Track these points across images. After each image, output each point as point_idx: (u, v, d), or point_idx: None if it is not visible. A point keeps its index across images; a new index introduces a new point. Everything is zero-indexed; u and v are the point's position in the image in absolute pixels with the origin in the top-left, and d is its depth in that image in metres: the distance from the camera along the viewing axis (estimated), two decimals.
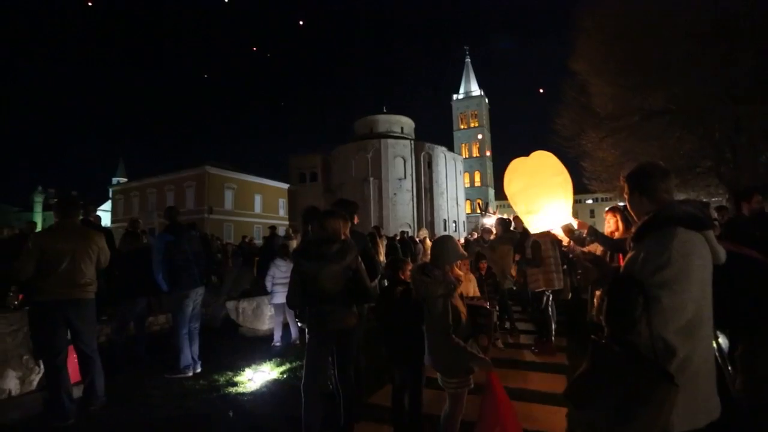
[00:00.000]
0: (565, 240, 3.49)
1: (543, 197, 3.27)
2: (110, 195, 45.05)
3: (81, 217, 4.38)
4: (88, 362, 3.33)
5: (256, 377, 4.10)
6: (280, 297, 5.28)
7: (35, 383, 3.75)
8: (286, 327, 5.65)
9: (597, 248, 3.25)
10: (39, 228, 6.45)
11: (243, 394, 3.75)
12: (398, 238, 11.38)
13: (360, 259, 2.68)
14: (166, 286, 4.25)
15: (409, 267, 2.80)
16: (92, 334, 3.41)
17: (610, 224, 3.31)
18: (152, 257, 4.28)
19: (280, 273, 5.45)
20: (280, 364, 4.54)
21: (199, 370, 4.35)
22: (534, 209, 3.38)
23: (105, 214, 46.78)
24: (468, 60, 65.72)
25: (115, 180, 61.12)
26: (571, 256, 4.65)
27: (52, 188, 58.57)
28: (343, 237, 2.62)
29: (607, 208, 3.61)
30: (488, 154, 61.09)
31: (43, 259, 3.09)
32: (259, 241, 19.42)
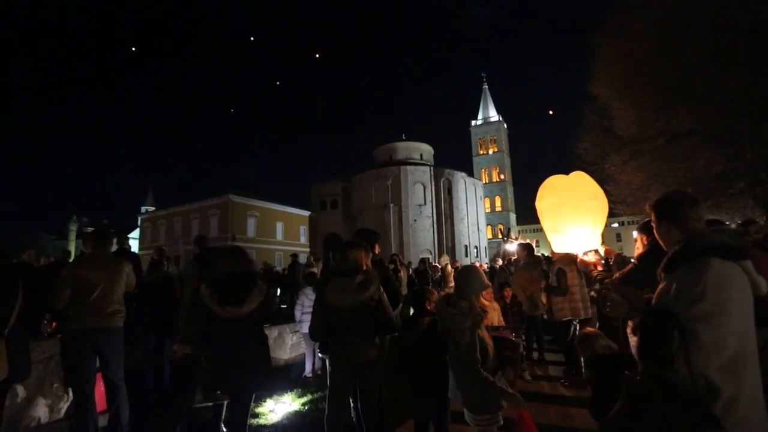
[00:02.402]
0: (596, 264, 3.37)
1: (570, 218, 3.21)
2: (139, 223, 46.66)
3: (117, 247, 4.49)
4: (115, 391, 3.37)
5: (278, 408, 4.04)
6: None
7: (63, 411, 3.81)
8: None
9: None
10: (73, 256, 6.73)
11: (264, 426, 3.70)
12: (419, 267, 11.16)
13: (382, 289, 2.67)
14: None
15: (435, 297, 2.76)
16: (119, 362, 3.46)
17: (640, 249, 3.18)
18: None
19: (309, 302, 5.37)
20: (301, 395, 4.48)
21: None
22: (559, 229, 3.31)
23: (134, 242, 48.39)
24: (485, 86, 66.55)
25: (143, 209, 63.38)
26: (596, 286, 4.49)
27: (85, 217, 61.36)
28: (365, 267, 2.62)
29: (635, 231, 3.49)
30: (508, 178, 60.66)
31: (76, 289, 3.20)
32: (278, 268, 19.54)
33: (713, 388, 1.22)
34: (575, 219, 3.17)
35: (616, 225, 58.73)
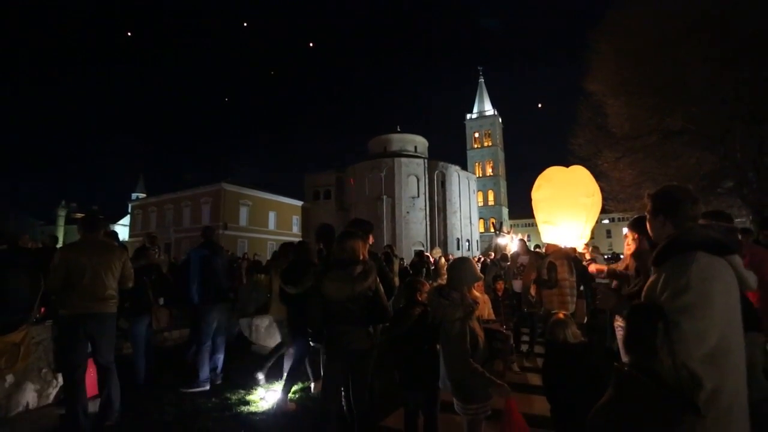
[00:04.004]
0: (588, 255, 3.42)
1: (564, 213, 3.24)
2: (129, 210, 46.11)
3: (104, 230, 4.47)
4: (106, 376, 3.36)
5: (269, 396, 4.06)
6: None
7: (52, 397, 3.79)
8: None
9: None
10: (61, 242, 6.58)
11: (255, 413, 3.72)
12: (414, 260, 11.09)
13: (378, 279, 2.68)
14: (197, 299, 4.39)
15: (426, 288, 2.78)
16: (111, 348, 3.45)
17: (630, 245, 3.22)
18: (189, 270, 4.46)
19: None
20: None
21: (219, 381, 4.51)
22: (552, 221, 3.35)
23: (124, 229, 47.84)
24: (481, 80, 66.36)
25: (134, 195, 62.52)
26: (592, 279, 4.55)
27: (74, 203, 60.29)
28: (362, 258, 2.63)
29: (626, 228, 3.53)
30: (502, 173, 60.87)
31: (67, 273, 3.17)
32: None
33: (695, 379, 1.25)
34: (569, 213, 3.20)
35: (606, 221, 59.39)
